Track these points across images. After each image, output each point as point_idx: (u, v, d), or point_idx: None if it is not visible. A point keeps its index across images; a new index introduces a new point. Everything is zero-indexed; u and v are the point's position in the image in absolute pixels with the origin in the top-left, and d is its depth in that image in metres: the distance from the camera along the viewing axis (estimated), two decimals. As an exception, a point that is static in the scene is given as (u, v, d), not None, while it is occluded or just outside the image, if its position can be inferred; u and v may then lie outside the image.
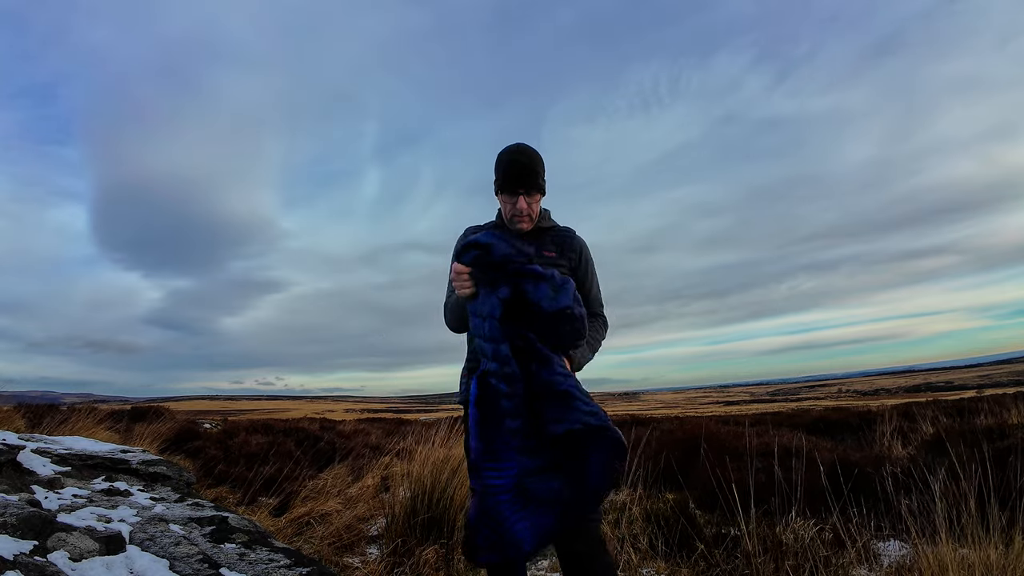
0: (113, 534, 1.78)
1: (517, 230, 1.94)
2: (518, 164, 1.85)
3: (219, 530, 2.15)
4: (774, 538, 2.79)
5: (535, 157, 1.88)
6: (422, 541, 3.09)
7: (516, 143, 1.90)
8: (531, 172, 1.86)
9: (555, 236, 1.98)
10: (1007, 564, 2.12)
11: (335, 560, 3.15)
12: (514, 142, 1.91)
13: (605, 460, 1.57)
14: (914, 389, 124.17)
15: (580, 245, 2.00)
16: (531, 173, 1.86)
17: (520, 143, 1.90)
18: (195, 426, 8.96)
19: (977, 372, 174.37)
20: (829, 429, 8.70)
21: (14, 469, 2.38)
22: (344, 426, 11.61)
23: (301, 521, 3.65)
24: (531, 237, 1.96)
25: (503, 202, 1.93)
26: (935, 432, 6.09)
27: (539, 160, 1.89)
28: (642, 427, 8.71)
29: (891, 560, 2.93)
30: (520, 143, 1.90)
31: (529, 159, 1.86)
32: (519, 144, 1.89)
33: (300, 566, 1.93)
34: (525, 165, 1.85)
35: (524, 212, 1.88)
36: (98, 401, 34.30)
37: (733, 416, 13.29)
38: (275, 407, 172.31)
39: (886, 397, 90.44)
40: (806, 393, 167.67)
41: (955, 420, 7.38)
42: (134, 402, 21.15)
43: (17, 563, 1.42)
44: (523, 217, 1.90)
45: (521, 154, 1.86)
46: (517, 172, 1.85)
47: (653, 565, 3.13)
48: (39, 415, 5.93)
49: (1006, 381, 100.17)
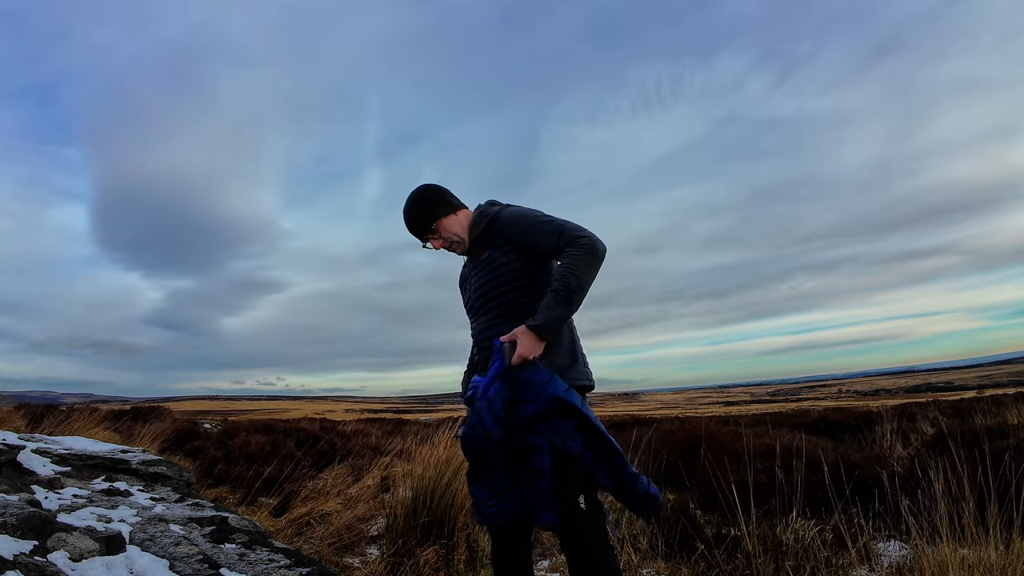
0: (113, 534, 1.78)
1: (461, 254, 2.03)
2: (405, 219, 1.97)
3: (219, 530, 2.15)
4: (774, 538, 2.79)
5: (412, 206, 1.96)
6: (422, 541, 3.09)
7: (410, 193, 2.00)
8: (413, 222, 1.95)
9: (483, 235, 1.91)
10: (1007, 564, 2.12)
11: (335, 560, 3.15)
12: (413, 187, 2.01)
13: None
14: (914, 389, 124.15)
15: (501, 223, 1.85)
16: (414, 222, 1.95)
17: (410, 193, 1.99)
18: (195, 426, 8.97)
19: (977, 372, 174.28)
20: (829, 429, 8.70)
21: (14, 469, 2.38)
22: (344, 426, 11.61)
23: (301, 521, 3.65)
24: (471, 253, 2.00)
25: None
26: (935, 432, 6.09)
27: (420, 203, 1.95)
28: (642, 427, 8.71)
29: (891, 560, 2.93)
30: (410, 193, 1.99)
31: (409, 212, 1.96)
32: (409, 195, 1.99)
33: (300, 566, 1.93)
34: (408, 220, 1.96)
35: (440, 248, 1.98)
36: (98, 401, 34.28)
37: (733, 416, 13.30)
38: (275, 407, 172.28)
39: (886, 397, 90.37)
40: (806, 393, 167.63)
41: (955, 420, 7.37)
42: (134, 402, 21.15)
43: (17, 563, 1.42)
44: (451, 249, 1.99)
45: (405, 211, 1.97)
46: (408, 226, 1.97)
47: (653, 565, 3.13)
48: (39, 415, 5.93)
49: (1006, 381, 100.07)
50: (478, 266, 1.93)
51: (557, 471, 1.67)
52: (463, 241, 1.95)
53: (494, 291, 1.86)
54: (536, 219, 1.80)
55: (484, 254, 1.90)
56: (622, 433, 8.35)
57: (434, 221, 1.94)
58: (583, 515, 1.67)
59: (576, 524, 1.66)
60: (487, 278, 1.88)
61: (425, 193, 1.97)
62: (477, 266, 1.94)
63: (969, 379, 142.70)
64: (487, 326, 1.88)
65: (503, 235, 1.85)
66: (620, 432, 8.74)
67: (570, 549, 1.66)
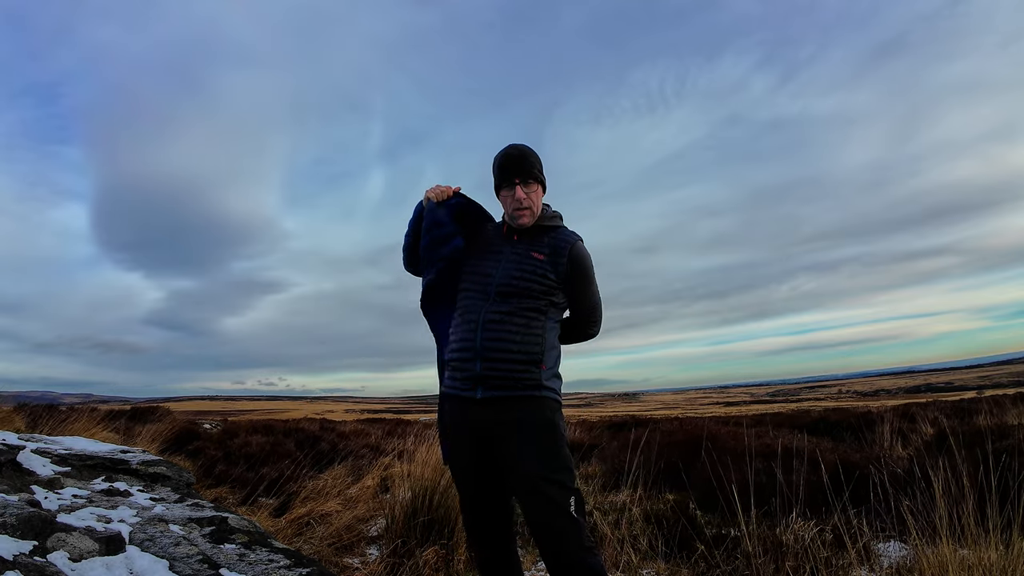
0: (113, 534, 1.78)
1: (519, 226, 1.92)
2: (511, 156, 1.89)
3: (219, 530, 2.15)
4: (774, 539, 2.79)
5: (528, 149, 1.92)
6: (422, 542, 3.09)
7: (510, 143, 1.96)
8: (524, 160, 1.88)
9: (553, 239, 1.92)
10: (1007, 565, 2.12)
11: (335, 561, 3.14)
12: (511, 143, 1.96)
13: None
14: (914, 390, 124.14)
15: (577, 254, 1.90)
16: (524, 161, 1.88)
17: (514, 143, 1.95)
18: (195, 426, 8.97)
19: (978, 373, 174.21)
20: (829, 430, 8.69)
21: (14, 469, 2.38)
22: (344, 427, 11.62)
23: (301, 522, 3.64)
24: (528, 235, 1.94)
25: (503, 199, 1.93)
26: (935, 433, 6.09)
27: (533, 153, 1.92)
28: (642, 428, 8.71)
29: (891, 561, 2.93)
30: (514, 143, 1.95)
31: (520, 151, 1.90)
32: (512, 143, 1.95)
33: (300, 567, 1.93)
34: (517, 156, 1.89)
35: (524, 203, 1.87)
36: (98, 401, 34.29)
37: (733, 417, 13.30)
38: (275, 407, 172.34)
39: (886, 398, 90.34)
40: (806, 394, 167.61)
41: (955, 421, 7.37)
42: (134, 402, 21.15)
43: (17, 563, 1.41)
44: (523, 210, 1.89)
45: (513, 147, 1.91)
46: (511, 163, 1.88)
47: (653, 566, 3.13)
48: (39, 415, 5.92)
49: (1006, 382, 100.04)
50: (521, 255, 1.89)
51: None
52: (533, 213, 1.91)
53: (528, 290, 1.84)
54: (593, 279, 1.98)
55: (537, 255, 1.88)
56: (622, 433, 8.35)
57: (540, 174, 1.92)
58: (574, 521, 1.69)
59: (568, 530, 1.68)
60: (528, 272, 1.86)
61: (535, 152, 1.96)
62: (519, 254, 1.90)
63: (969, 379, 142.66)
64: (503, 313, 1.83)
65: (566, 261, 1.88)
66: (620, 432, 8.75)
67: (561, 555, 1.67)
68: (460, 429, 1.87)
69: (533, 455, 1.73)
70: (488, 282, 1.88)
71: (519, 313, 1.82)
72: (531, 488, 1.71)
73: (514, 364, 1.78)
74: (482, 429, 1.81)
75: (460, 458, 1.89)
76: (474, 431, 1.83)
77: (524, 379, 1.79)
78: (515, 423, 1.76)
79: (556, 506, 1.69)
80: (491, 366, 1.78)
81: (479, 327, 1.82)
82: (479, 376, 1.79)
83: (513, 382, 1.78)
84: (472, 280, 1.92)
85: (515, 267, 1.87)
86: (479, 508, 1.89)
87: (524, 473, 1.73)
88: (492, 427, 1.79)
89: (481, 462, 1.84)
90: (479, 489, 1.87)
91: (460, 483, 1.93)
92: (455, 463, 1.92)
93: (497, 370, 1.78)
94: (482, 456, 1.83)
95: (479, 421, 1.81)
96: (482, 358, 1.79)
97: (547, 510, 1.69)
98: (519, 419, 1.77)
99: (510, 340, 1.79)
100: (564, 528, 1.68)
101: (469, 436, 1.84)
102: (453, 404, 1.89)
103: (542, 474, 1.71)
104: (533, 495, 1.71)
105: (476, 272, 1.93)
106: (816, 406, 26.05)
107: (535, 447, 1.74)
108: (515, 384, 1.78)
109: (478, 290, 1.89)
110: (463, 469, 1.89)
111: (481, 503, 1.88)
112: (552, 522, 1.69)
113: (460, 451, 1.88)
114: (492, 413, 1.78)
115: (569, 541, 1.67)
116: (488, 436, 1.80)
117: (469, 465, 1.87)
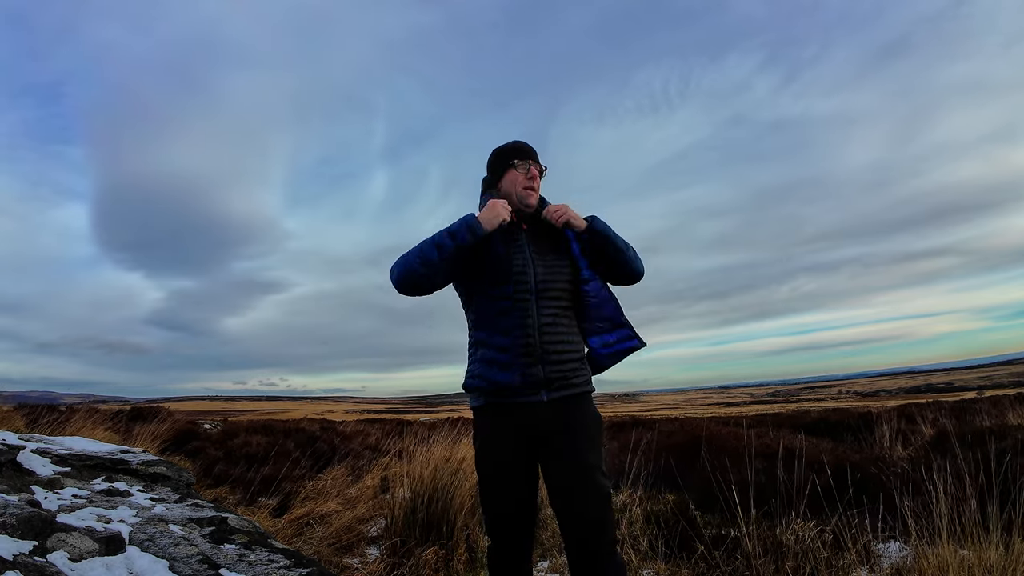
0: (113, 534, 1.78)
1: (527, 206, 1.93)
2: (525, 143, 1.99)
3: (219, 531, 2.14)
4: (774, 539, 2.79)
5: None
6: (422, 542, 3.09)
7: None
8: (533, 149, 1.98)
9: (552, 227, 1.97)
10: (1007, 565, 2.12)
11: (335, 561, 3.14)
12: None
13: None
14: (915, 390, 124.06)
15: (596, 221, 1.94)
16: (535, 152, 1.98)
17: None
18: (195, 427, 8.97)
19: (978, 373, 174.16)
20: (829, 430, 8.69)
21: (14, 469, 2.38)
22: (344, 427, 11.60)
23: (301, 522, 3.64)
24: (535, 220, 1.95)
25: (514, 175, 1.94)
26: (936, 433, 6.08)
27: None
28: (642, 428, 8.70)
29: (891, 561, 2.93)
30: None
31: (527, 143, 2.01)
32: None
33: (300, 567, 1.93)
34: (527, 144, 1.99)
35: (537, 181, 1.95)
36: (98, 401, 34.26)
37: (733, 417, 13.28)
38: (275, 408, 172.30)
39: (886, 398, 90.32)
40: (806, 394, 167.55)
41: (955, 421, 7.37)
42: (134, 402, 21.12)
43: (17, 563, 1.41)
44: (533, 190, 1.94)
45: (521, 140, 2.02)
46: (527, 147, 1.98)
47: (653, 566, 3.13)
48: (39, 415, 5.93)
49: (1007, 382, 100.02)
50: (545, 249, 1.89)
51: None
52: (537, 194, 1.95)
53: (564, 291, 1.87)
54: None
55: (568, 243, 1.91)
56: (622, 434, 8.34)
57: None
58: (613, 514, 1.75)
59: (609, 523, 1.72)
60: (566, 268, 1.88)
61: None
62: (543, 249, 1.89)
63: (970, 380, 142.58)
64: (553, 315, 1.82)
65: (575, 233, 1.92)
66: (620, 433, 8.74)
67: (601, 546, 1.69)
68: (520, 432, 1.79)
69: (588, 448, 1.76)
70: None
71: (563, 313, 1.86)
72: (586, 479, 1.71)
73: (573, 364, 1.83)
74: (544, 430, 1.78)
75: (515, 463, 1.81)
76: (534, 434, 1.79)
77: (584, 378, 1.85)
78: (576, 420, 1.78)
79: (604, 498, 1.72)
80: (554, 369, 1.79)
81: (536, 330, 1.78)
82: (544, 380, 1.78)
83: (575, 383, 1.82)
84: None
85: (552, 265, 1.88)
86: (523, 507, 1.83)
87: (582, 465, 1.72)
88: (554, 426, 1.77)
89: (530, 462, 1.83)
90: (530, 489, 1.84)
91: (507, 486, 1.82)
92: (505, 468, 1.82)
93: (560, 372, 1.80)
94: (531, 455, 1.82)
95: (543, 423, 1.77)
96: (544, 361, 1.77)
97: (597, 501, 1.70)
98: (579, 415, 1.79)
99: (567, 341, 1.83)
100: (607, 520, 1.71)
101: (527, 440, 1.80)
102: (510, 410, 1.80)
103: (598, 465, 1.74)
104: (586, 486, 1.71)
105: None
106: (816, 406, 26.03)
107: (589, 441, 1.77)
108: (575, 384, 1.82)
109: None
110: (514, 473, 1.81)
111: (526, 502, 1.84)
112: (600, 514, 1.70)
113: (516, 455, 1.81)
114: (556, 413, 1.78)
115: (608, 533, 1.70)
116: (545, 435, 1.78)
117: (521, 468, 1.81)
